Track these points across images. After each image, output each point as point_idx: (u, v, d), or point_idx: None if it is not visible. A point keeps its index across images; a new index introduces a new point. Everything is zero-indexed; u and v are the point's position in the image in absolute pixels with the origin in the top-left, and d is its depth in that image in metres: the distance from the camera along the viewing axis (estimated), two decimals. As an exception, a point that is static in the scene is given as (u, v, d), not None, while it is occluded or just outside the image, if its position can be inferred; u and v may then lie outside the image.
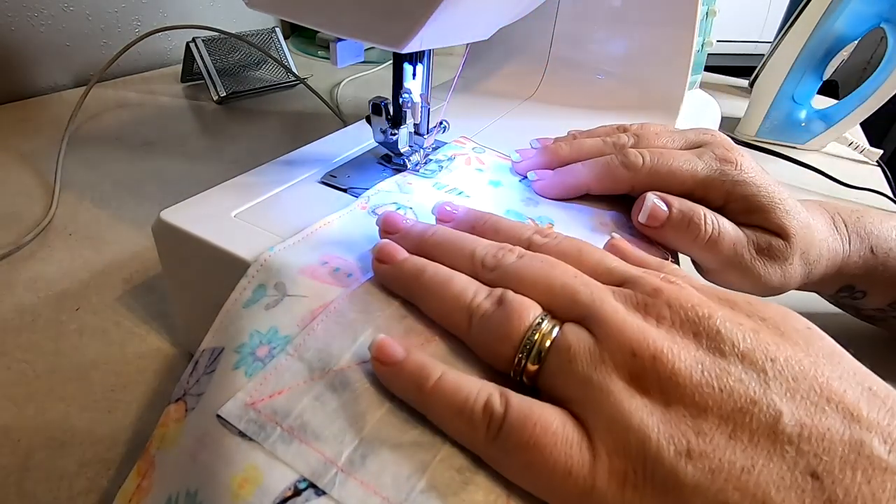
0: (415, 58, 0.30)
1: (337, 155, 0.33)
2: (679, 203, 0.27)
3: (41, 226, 0.41)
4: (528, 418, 0.16)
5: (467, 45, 0.34)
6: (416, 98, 0.30)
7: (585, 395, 0.16)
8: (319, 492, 0.16)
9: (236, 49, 0.68)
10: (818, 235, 0.29)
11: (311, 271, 0.22)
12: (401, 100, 0.30)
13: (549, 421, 0.16)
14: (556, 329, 0.18)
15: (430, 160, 0.33)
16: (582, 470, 0.15)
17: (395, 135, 0.31)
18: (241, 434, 0.17)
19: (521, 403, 0.16)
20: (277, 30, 0.70)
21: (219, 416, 0.18)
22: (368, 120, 0.31)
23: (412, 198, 0.29)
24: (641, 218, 0.28)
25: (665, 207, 0.27)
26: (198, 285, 0.28)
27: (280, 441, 0.17)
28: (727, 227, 0.27)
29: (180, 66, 0.70)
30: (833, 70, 0.65)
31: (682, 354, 0.16)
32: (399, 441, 0.17)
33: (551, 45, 0.48)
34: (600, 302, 0.18)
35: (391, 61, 0.31)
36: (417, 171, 0.32)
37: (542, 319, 0.18)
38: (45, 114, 0.61)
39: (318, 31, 0.72)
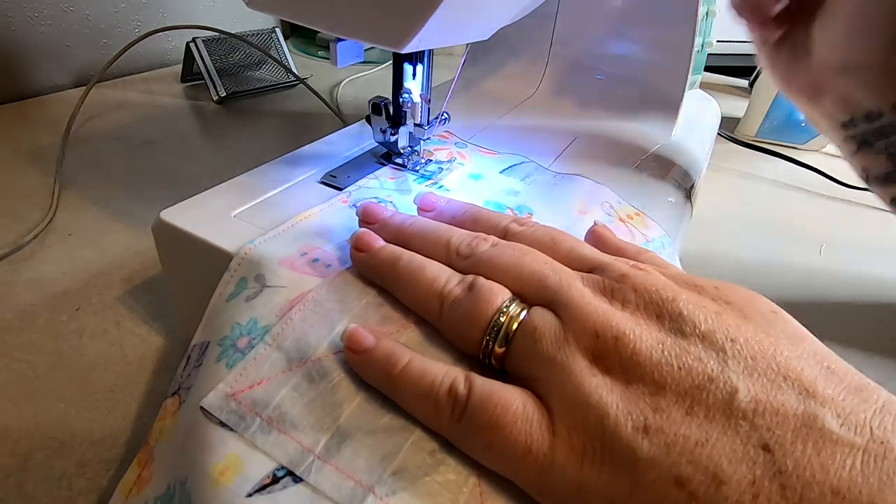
0: (415, 58, 0.30)
1: (337, 155, 0.33)
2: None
3: (41, 226, 0.41)
4: (490, 400, 0.16)
5: (467, 45, 0.34)
6: (416, 98, 0.30)
7: (549, 374, 0.17)
8: (297, 479, 0.16)
9: (236, 49, 0.68)
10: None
11: (290, 262, 0.23)
12: (401, 100, 0.30)
13: (509, 401, 0.16)
14: (524, 312, 0.18)
15: (431, 161, 0.33)
16: (542, 447, 0.15)
17: (394, 135, 0.31)
18: (223, 424, 0.18)
19: (484, 386, 0.17)
20: (277, 30, 0.70)
21: (202, 407, 0.18)
22: (368, 120, 0.31)
23: (393, 192, 0.29)
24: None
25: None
26: (198, 285, 0.28)
27: (259, 431, 0.17)
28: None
29: (180, 66, 0.70)
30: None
31: (643, 335, 0.16)
32: (373, 427, 0.17)
33: (551, 45, 0.48)
34: (567, 286, 0.18)
35: (391, 61, 0.31)
36: (417, 171, 0.32)
37: (511, 303, 0.19)
38: (45, 114, 0.61)
39: (318, 31, 0.72)
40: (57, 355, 0.31)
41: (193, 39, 0.64)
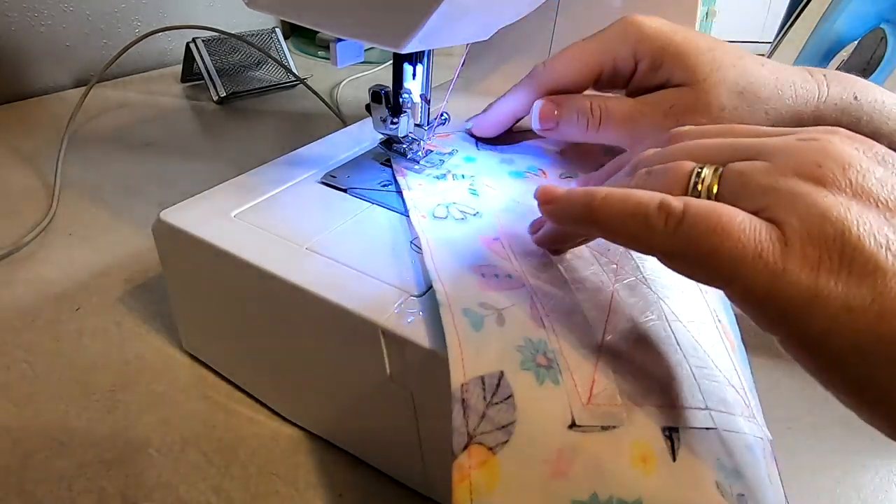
0: (415, 58, 0.30)
1: (337, 155, 0.33)
2: (564, 100, 0.29)
3: (41, 226, 0.41)
4: (713, 210, 0.16)
5: (467, 45, 0.34)
6: (416, 98, 0.30)
7: (774, 199, 0.16)
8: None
9: (236, 49, 0.68)
10: (763, 72, 0.28)
11: (481, 285, 0.22)
12: (401, 100, 0.30)
13: (733, 213, 0.16)
14: (720, 169, 0.18)
15: (431, 151, 0.33)
16: (773, 253, 0.15)
17: (395, 123, 0.31)
18: (602, 428, 0.18)
19: (701, 202, 0.16)
20: (277, 30, 0.70)
21: (576, 424, 0.18)
22: (368, 109, 0.31)
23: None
24: (534, 125, 0.29)
25: (551, 108, 0.29)
26: (198, 285, 0.28)
27: (628, 417, 0.18)
28: (613, 105, 0.28)
29: (180, 67, 0.70)
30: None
31: (870, 167, 0.16)
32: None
33: (551, 45, 0.48)
34: (765, 142, 0.18)
35: (391, 61, 0.31)
36: (418, 161, 0.32)
37: (702, 168, 0.18)
38: (45, 114, 0.61)
39: (318, 31, 0.72)
40: (57, 355, 0.31)
41: (193, 39, 0.64)
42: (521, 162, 0.33)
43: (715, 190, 0.17)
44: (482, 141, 0.36)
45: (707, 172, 0.18)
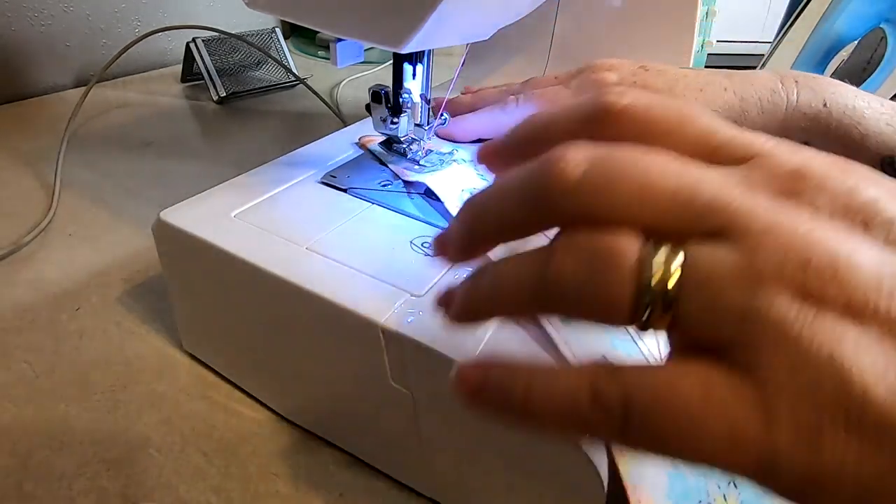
0: (415, 58, 0.30)
1: (337, 155, 0.33)
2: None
3: (41, 226, 0.41)
4: (656, 395, 0.12)
5: (467, 45, 0.34)
6: (416, 98, 0.30)
7: (746, 332, 0.12)
8: None
9: (236, 49, 0.68)
10: (726, 97, 0.28)
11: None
12: (401, 100, 0.30)
13: (685, 387, 0.12)
14: (679, 256, 0.12)
15: (431, 151, 0.33)
16: (755, 432, 0.11)
17: (395, 123, 0.31)
18: None
19: (640, 377, 0.12)
20: (277, 30, 0.70)
21: None
22: (368, 109, 0.31)
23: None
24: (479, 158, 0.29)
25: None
26: (197, 285, 0.28)
27: None
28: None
29: (180, 66, 0.70)
30: (833, 70, 0.65)
31: (863, 257, 0.12)
32: None
33: (551, 45, 0.48)
34: (735, 201, 0.12)
35: (391, 61, 0.31)
36: (418, 161, 0.32)
37: (653, 249, 0.13)
38: (45, 114, 0.61)
39: (318, 31, 0.72)
40: (57, 355, 0.31)
41: (193, 39, 0.64)
42: None
43: (673, 294, 0.12)
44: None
45: (660, 260, 0.12)
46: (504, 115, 0.34)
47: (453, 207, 0.27)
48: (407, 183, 0.30)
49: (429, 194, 0.29)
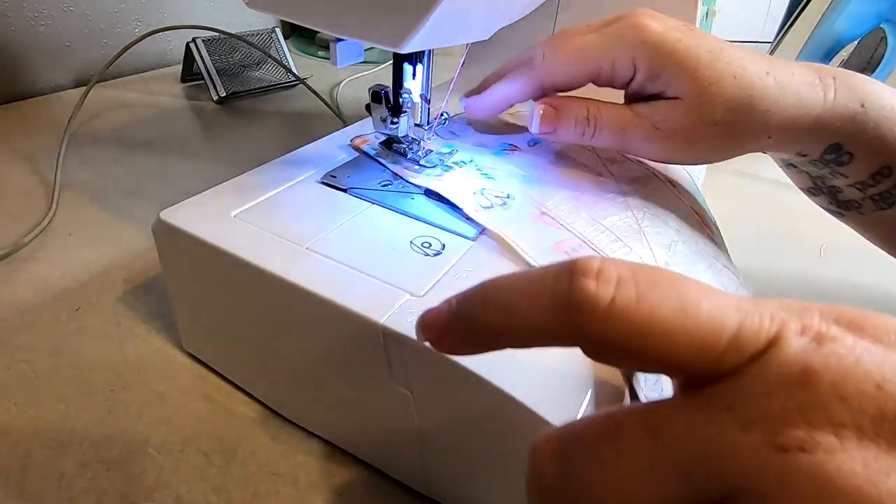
0: (415, 58, 0.30)
1: (337, 155, 0.33)
2: (563, 106, 0.29)
3: (41, 226, 0.41)
4: None
5: (467, 45, 0.34)
6: (416, 98, 0.30)
7: None
8: None
9: (236, 49, 0.68)
10: (766, 83, 0.26)
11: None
12: (401, 100, 0.30)
13: None
14: None
15: (431, 151, 0.33)
16: None
17: (395, 123, 0.31)
18: None
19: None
20: (277, 30, 0.70)
21: None
22: (368, 109, 0.31)
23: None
24: (533, 129, 0.29)
25: (551, 114, 0.29)
26: (197, 285, 0.28)
27: None
28: (607, 114, 0.28)
29: (180, 66, 0.70)
30: (833, 70, 0.65)
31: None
32: None
33: (551, 45, 0.48)
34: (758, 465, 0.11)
35: (391, 61, 0.31)
36: (418, 161, 0.32)
37: None
38: (45, 114, 0.61)
39: (318, 31, 0.72)
40: (57, 355, 0.31)
41: (193, 39, 0.64)
42: (492, 142, 0.35)
43: None
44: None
45: None
46: (533, 74, 0.30)
47: (471, 211, 0.27)
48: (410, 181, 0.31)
49: (429, 194, 0.29)
